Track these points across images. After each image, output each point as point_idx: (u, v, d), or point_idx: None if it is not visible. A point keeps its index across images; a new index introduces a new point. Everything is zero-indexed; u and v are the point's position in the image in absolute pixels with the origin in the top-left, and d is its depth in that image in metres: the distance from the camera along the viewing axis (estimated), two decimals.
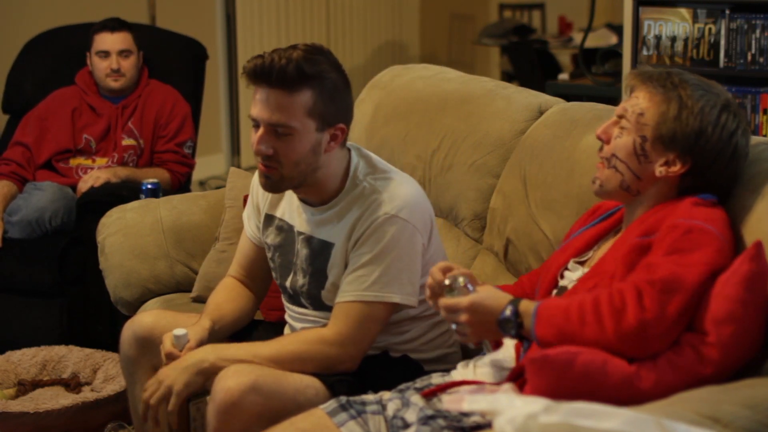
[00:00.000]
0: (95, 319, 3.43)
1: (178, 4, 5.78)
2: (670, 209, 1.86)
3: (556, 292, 2.00)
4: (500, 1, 8.54)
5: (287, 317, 2.37)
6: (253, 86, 2.13)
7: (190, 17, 5.84)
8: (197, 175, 5.17)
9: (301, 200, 2.26)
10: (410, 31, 8.17)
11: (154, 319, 2.36)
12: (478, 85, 2.81)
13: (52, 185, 3.59)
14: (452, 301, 1.81)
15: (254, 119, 2.13)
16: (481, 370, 2.01)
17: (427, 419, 1.86)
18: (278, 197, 2.32)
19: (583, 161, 2.36)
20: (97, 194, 3.44)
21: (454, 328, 1.83)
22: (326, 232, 2.21)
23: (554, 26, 8.24)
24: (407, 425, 1.88)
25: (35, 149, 3.72)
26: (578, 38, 6.48)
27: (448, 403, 1.87)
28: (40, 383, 3.07)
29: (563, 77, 5.18)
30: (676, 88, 1.90)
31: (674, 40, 3.74)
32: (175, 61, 4.04)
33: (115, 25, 3.77)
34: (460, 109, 2.74)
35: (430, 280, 1.90)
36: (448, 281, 1.84)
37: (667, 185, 1.91)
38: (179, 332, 2.15)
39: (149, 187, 3.28)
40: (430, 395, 1.95)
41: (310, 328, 2.25)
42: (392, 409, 1.95)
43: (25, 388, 3.02)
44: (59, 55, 4.00)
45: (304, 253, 2.25)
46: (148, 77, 3.85)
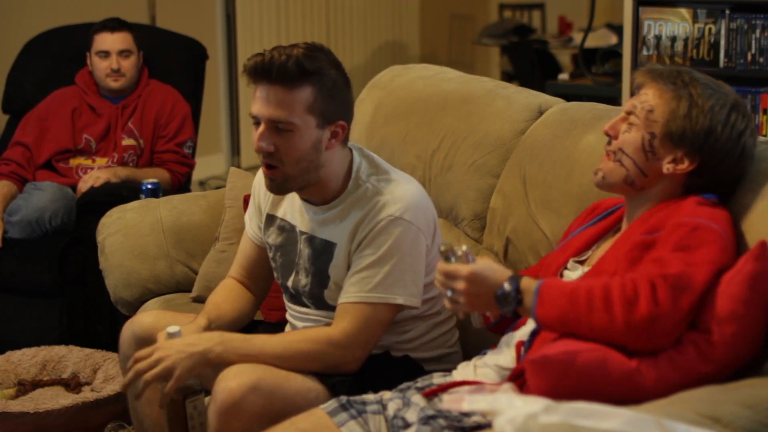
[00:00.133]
0: (95, 319, 3.42)
1: (178, 4, 5.78)
2: (674, 208, 1.86)
3: None
4: (500, 1, 8.54)
5: (288, 317, 2.37)
6: (253, 85, 2.13)
7: (190, 17, 5.84)
8: (197, 175, 5.17)
9: (303, 200, 2.26)
10: (410, 31, 8.16)
11: (153, 319, 2.36)
12: (478, 85, 2.80)
13: (52, 185, 3.59)
14: (452, 267, 1.79)
15: (255, 117, 2.13)
16: (481, 370, 2.00)
17: (427, 419, 1.86)
18: (280, 197, 2.32)
19: (582, 161, 2.36)
20: (97, 194, 3.44)
21: (449, 295, 1.80)
22: (329, 231, 2.21)
23: (554, 26, 8.24)
24: (408, 425, 1.88)
25: (35, 149, 3.72)
26: (578, 38, 6.48)
27: (448, 403, 1.87)
28: (40, 383, 3.07)
29: (563, 77, 5.18)
30: (686, 86, 1.90)
31: (674, 40, 3.74)
32: (175, 61, 4.04)
33: (115, 25, 3.77)
34: (460, 109, 2.74)
35: None
36: (443, 247, 1.81)
37: (672, 183, 1.91)
38: (173, 330, 2.15)
39: (149, 187, 3.28)
40: (431, 395, 1.95)
41: (313, 327, 2.25)
42: (393, 408, 1.94)
43: (25, 388, 3.02)
44: (59, 55, 4.00)
45: (306, 252, 2.25)
46: (148, 77, 3.85)
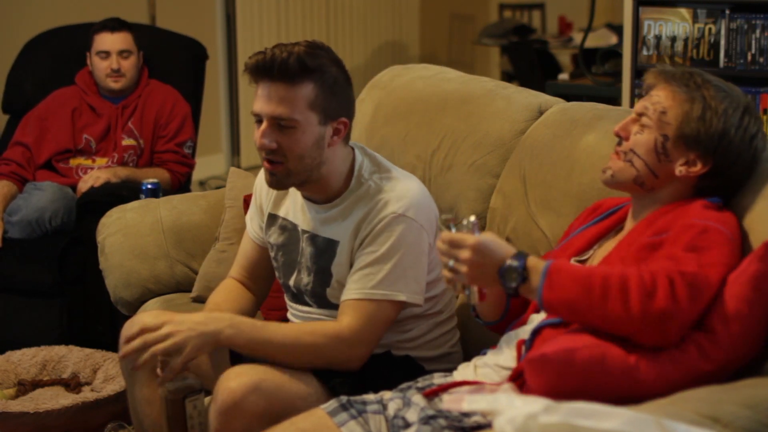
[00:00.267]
0: (95, 319, 3.42)
1: (178, 4, 5.78)
2: (681, 210, 1.86)
3: None
4: (500, 1, 8.54)
5: (290, 316, 2.36)
6: (254, 83, 2.13)
7: (190, 17, 5.84)
8: (197, 175, 5.17)
9: (305, 198, 2.26)
10: (410, 31, 8.16)
11: (154, 319, 2.35)
12: (478, 85, 2.80)
13: (52, 185, 3.59)
14: (459, 235, 1.75)
15: (257, 114, 2.13)
16: (482, 370, 2.00)
17: (428, 419, 1.86)
18: (282, 196, 2.32)
19: (582, 160, 2.36)
20: (97, 194, 3.44)
21: (450, 264, 1.75)
22: (331, 230, 2.21)
23: (554, 26, 8.24)
24: (408, 425, 1.88)
25: (35, 149, 3.72)
26: (578, 38, 6.48)
27: (448, 403, 1.87)
28: (40, 383, 3.06)
29: (563, 77, 5.18)
30: (699, 88, 1.89)
31: (674, 40, 3.74)
32: (175, 61, 4.04)
33: (115, 25, 3.77)
34: (460, 109, 2.74)
35: None
36: (445, 216, 1.77)
37: (683, 185, 1.91)
38: None
39: (149, 187, 3.28)
40: (431, 395, 1.95)
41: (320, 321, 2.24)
42: (393, 408, 1.94)
43: (25, 388, 3.02)
44: (59, 55, 4.00)
45: (308, 251, 2.25)
46: (148, 77, 3.85)
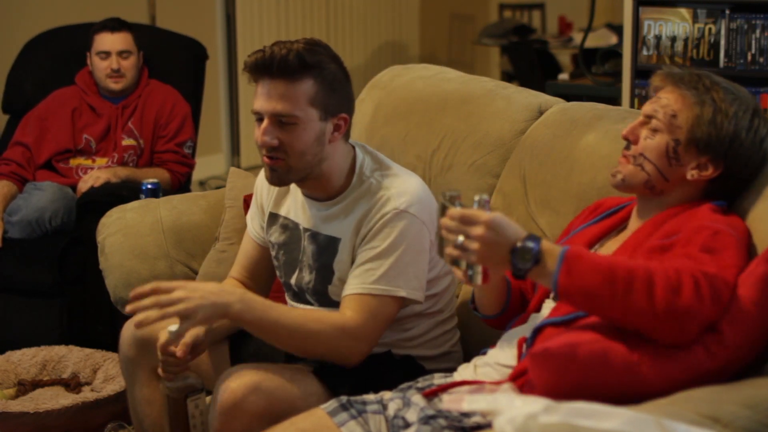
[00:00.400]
0: (95, 319, 3.42)
1: (178, 4, 5.78)
2: (690, 213, 1.85)
3: None
4: (500, 1, 8.54)
5: None
6: (254, 82, 2.13)
7: (190, 17, 5.84)
8: (197, 175, 5.17)
9: (306, 196, 2.26)
10: (410, 31, 8.16)
11: None
12: (478, 85, 2.80)
13: (52, 185, 3.59)
14: (472, 211, 1.65)
15: (257, 112, 2.13)
16: (482, 369, 2.00)
17: (428, 419, 1.86)
18: (282, 195, 2.32)
19: (582, 160, 2.36)
20: (97, 194, 3.44)
21: (459, 242, 1.65)
22: (333, 227, 2.21)
23: (554, 26, 8.24)
24: (408, 425, 1.88)
25: (35, 149, 3.72)
26: (578, 38, 6.48)
27: (447, 403, 1.86)
28: (40, 383, 3.07)
29: (563, 77, 5.18)
30: (708, 90, 1.88)
31: (674, 40, 3.74)
32: (175, 61, 4.04)
33: (115, 25, 3.77)
34: (460, 109, 2.74)
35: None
36: (450, 194, 1.69)
37: (692, 188, 1.90)
38: (174, 328, 2.15)
39: (149, 187, 3.28)
40: (431, 395, 1.95)
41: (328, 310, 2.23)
42: (393, 408, 1.94)
43: (25, 388, 3.02)
44: (59, 55, 4.00)
45: (310, 249, 2.25)
46: (148, 77, 3.85)
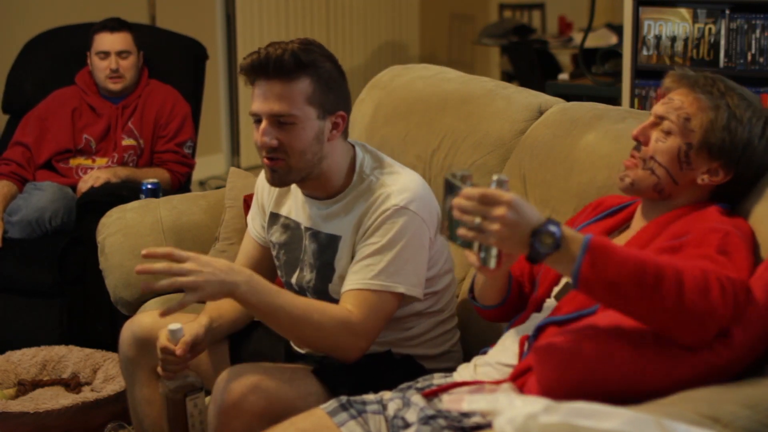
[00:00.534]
0: (95, 319, 3.42)
1: (178, 4, 5.78)
2: (698, 214, 1.84)
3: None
4: (500, 1, 8.54)
5: None
6: (250, 84, 2.14)
7: (190, 17, 5.84)
8: (197, 175, 5.17)
9: (306, 196, 2.26)
10: (410, 31, 8.16)
11: (153, 319, 2.35)
12: (478, 85, 2.81)
13: (52, 185, 3.59)
14: (493, 191, 1.55)
15: (255, 114, 2.13)
16: (482, 369, 2.00)
17: (427, 419, 1.85)
18: (283, 195, 2.32)
19: (582, 160, 2.36)
20: (97, 194, 3.44)
21: (476, 223, 1.56)
22: (333, 225, 2.21)
23: (554, 26, 8.24)
24: (408, 425, 1.88)
25: (35, 149, 3.72)
26: (578, 38, 6.48)
27: (447, 403, 1.86)
28: (40, 383, 3.07)
29: (563, 77, 5.18)
30: (723, 95, 1.86)
31: (674, 40, 3.74)
32: (175, 61, 4.04)
33: (114, 25, 3.77)
34: (460, 109, 2.74)
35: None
36: (463, 172, 1.61)
37: (700, 191, 1.89)
38: (174, 326, 2.16)
39: (149, 187, 3.28)
40: (431, 395, 1.95)
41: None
42: (393, 408, 1.94)
43: (25, 388, 3.02)
44: (59, 55, 4.00)
45: (311, 248, 2.25)
46: (148, 77, 3.85)
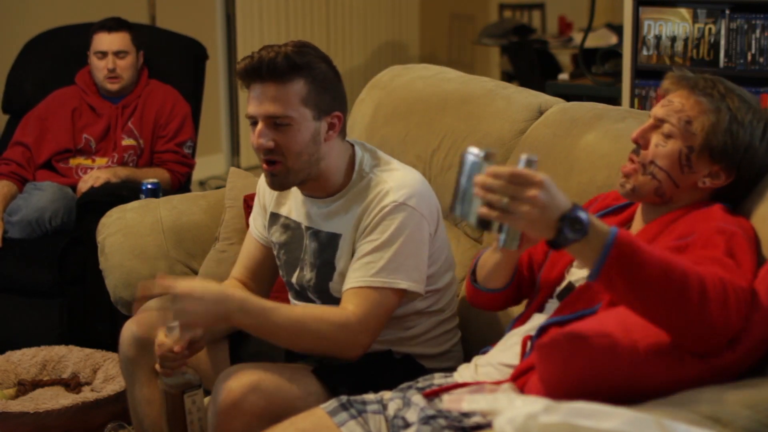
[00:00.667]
0: (95, 319, 3.42)
1: (178, 4, 5.78)
2: (701, 214, 1.83)
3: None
4: (500, 1, 8.54)
5: None
6: (246, 87, 2.14)
7: (190, 17, 5.84)
8: (197, 175, 5.17)
9: (306, 195, 2.26)
10: (410, 31, 8.16)
11: (153, 319, 2.35)
12: (478, 85, 2.81)
13: (52, 185, 3.59)
14: (526, 171, 1.50)
15: (251, 117, 2.14)
16: (483, 369, 2.00)
17: (428, 419, 1.85)
18: (283, 195, 2.32)
19: (582, 160, 2.36)
20: (97, 194, 3.44)
21: (504, 203, 1.50)
22: (333, 224, 2.21)
23: (554, 26, 8.24)
24: (408, 425, 1.88)
25: (35, 149, 3.72)
26: (578, 38, 6.48)
27: (448, 403, 1.86)
28: (40, 383, 3.07)
29: (563, 77, 5.18)
30: (723, 98, 1.85)
31: (674, 40, 3.74)
32: (175, 61, 4.04)
33: (113, 25, 3.77)
34: (460, 109, 2.74)
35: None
36: (487, 150, 1.56)
37: (701, 193, 1.88)
38: (173, 325, 2.16)
39: (149, 187, 3.28)
40: (431, 395, 1.95)
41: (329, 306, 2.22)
42: (393, 408, 1.94)
43: (25, 388, 3.02)
44: (59, 55, 4.00)
45: (312, 247, 2.25)
46: (148, 77, 3.85)
